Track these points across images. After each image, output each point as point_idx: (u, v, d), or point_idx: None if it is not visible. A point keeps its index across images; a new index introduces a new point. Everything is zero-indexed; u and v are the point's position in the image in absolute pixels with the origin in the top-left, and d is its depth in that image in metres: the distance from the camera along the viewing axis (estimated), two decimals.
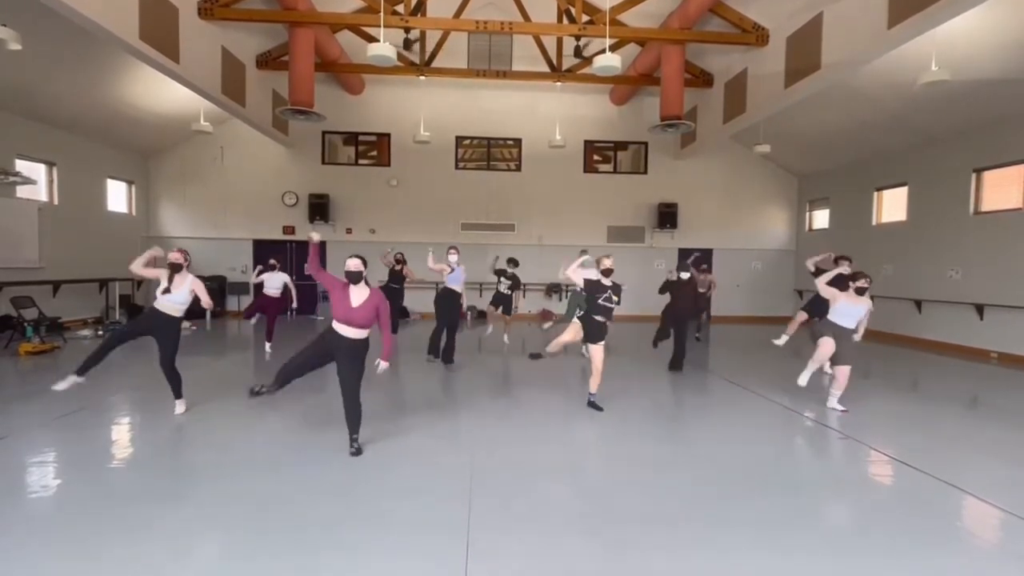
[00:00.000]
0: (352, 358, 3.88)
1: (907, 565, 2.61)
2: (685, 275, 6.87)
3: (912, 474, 3.74)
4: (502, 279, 8.49)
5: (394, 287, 9.11)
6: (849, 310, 5.09)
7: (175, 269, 4.57)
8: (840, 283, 5.72)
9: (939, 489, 3.49)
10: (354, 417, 3.88)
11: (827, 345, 5.12)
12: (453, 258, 6.95)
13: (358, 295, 3.89)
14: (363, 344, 3.94)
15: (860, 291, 5.07)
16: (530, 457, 3.96)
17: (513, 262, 8.52)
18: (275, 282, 7.72)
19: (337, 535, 2.77)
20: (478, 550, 2.64)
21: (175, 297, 4.57)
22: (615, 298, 5.00)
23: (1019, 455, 4.13)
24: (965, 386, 6.76)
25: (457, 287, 7.06)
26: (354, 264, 3.91)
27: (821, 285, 5.45)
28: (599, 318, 5.00)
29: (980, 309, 8.73)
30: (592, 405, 5.13)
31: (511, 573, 2.49)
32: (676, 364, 6.97)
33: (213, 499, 3.15)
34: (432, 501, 3.18)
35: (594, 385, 5.13)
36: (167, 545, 2.66)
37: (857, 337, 5.26)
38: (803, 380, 5.31)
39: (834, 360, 5.17)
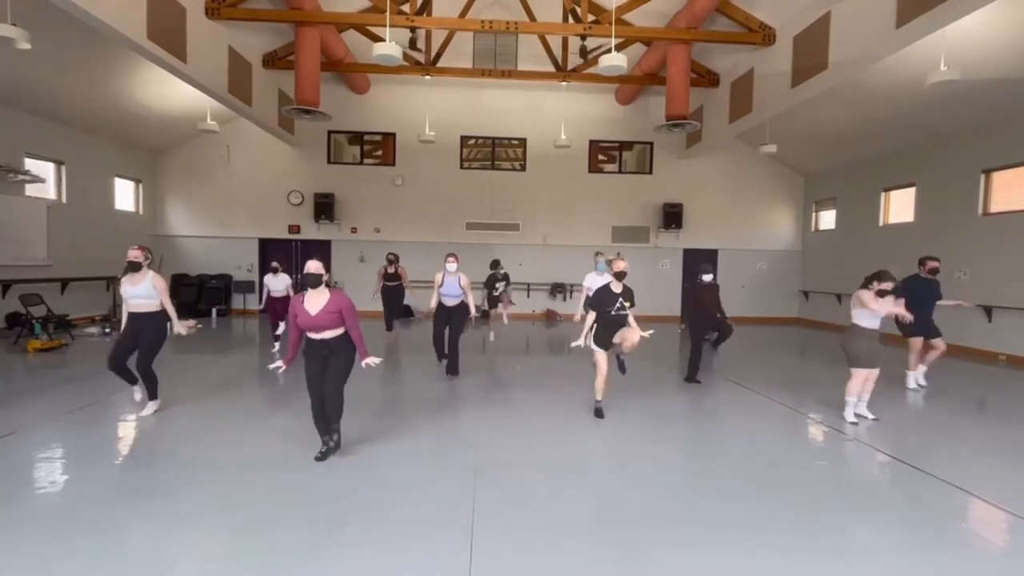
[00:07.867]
0: (332, 356, 3.74)
1: (913, 568, 2.59)
2: (707, 277, 6.47)
3: (918, 476, 3.71)
4: (497, 285, 8.99)
5: (390, 285, 9.18)
6: (873, 312, 4.83)
7: (133, 268, 4.47)
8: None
9: (946, 491, 3.46)
10: (335, 412, 3.73)
11: (858, 377, 4.91)
12: (452, 266, 6.31)
13: (316, 302, 3.67)
14: (336, 341, 3.74)
15: (881, 293, 4.79)
16: (534, 457, 3.96)
17: (497, 263, 9.32)
18: (279, 284, 7.88)
19: (341, 535, 2.78)
20: (482, 550, 2.64)
21: (136, 291, 4.47)
22: (627, 304, 4.69)
23: None
24: (973, 388, 6.70)
25: (451, 300, 6.45)
26: (314, 266, 3.70)
27: (858, 307, 4.91)
28: (614, 328, 4.72)
29: (988, 311, 8.65)
30: (595, 412, 4.97)
31: (515, 572, 2.49)
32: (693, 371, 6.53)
33: (217, 497, 3.17)
34: (436, 501, 3.18)
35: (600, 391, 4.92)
36: (172, 542, 2.68)
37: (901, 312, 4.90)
38: (849, 416, 4.96)
39: (868, 364, 4.89)
